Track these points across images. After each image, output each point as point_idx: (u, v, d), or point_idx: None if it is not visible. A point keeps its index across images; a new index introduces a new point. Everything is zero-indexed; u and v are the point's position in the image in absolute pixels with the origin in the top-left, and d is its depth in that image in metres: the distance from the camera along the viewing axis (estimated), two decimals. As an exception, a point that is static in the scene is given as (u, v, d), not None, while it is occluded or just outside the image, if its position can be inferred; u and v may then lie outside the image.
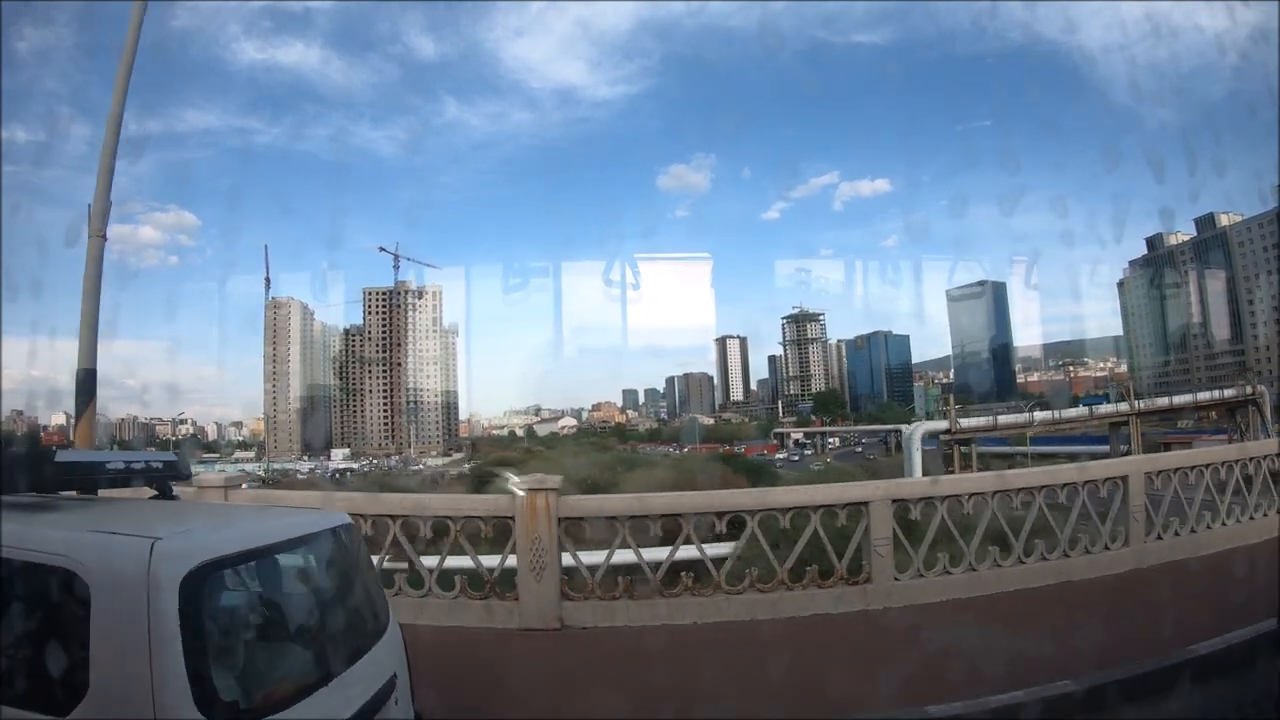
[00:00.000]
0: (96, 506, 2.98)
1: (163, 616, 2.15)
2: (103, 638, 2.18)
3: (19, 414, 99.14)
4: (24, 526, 2.49)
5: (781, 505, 6.57)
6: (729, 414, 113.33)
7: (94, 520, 2.71)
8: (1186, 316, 78.39)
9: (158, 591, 2.18)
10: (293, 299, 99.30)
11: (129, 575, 2.20)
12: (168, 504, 3.40)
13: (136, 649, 2.14)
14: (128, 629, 2.16)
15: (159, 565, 2.21)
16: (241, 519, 2.85)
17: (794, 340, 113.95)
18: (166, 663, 2.14)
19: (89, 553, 2.29)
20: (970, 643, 5.40)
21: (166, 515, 3.14)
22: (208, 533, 2.55)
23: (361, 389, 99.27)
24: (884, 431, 78.73)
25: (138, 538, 2.32)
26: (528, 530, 6.12)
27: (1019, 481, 7.33)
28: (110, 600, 2.19)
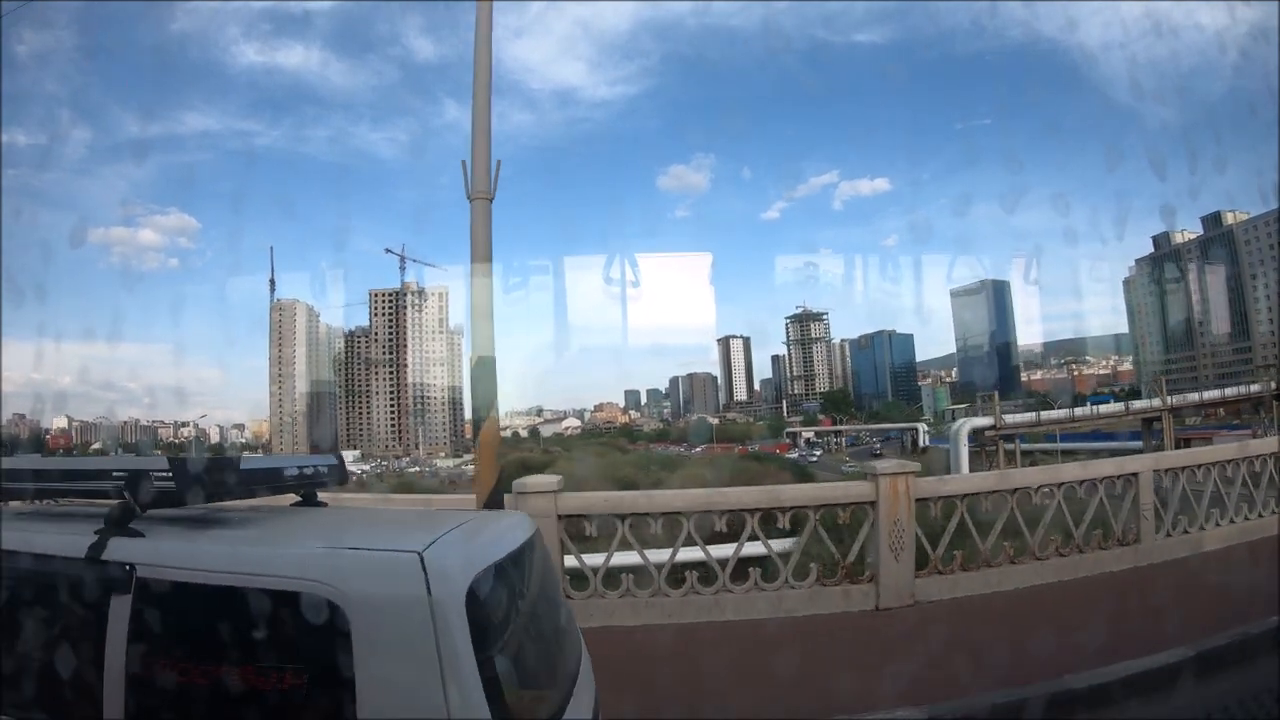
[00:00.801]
0: (266, 518, 2.73)
1: (452, 639, 1.95)
2: (371, 669, 1.94)
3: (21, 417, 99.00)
4: (250, 548, 2.28)
5: (1077, 479, 7.37)
6: (733, 414, 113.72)
7: (301, 536, 2.53)
8: (1193, 313, 79.27)
9: (444, 611, 1.96)
10: (298, 301, 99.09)
11: (402, 597, 1.99)
12: (331, 511, 3.11)
13: (421, 678, 1.93)
14: (405, 656, 1.95)
15: (438, 582, 2.00)
16: (451, 523, 2.46)
17: (798, 340, 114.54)
18: (465, 688, 1.93)
19: (343, 574, 2.03)
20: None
21: (375, 525, 3.00)
22: (455, 543, 2.25)
23: (368, 390, 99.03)
24: (899, 430, 79.14)
25: (399, 553, 2.09)
26: (889, 512, 6.48)
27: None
28: (376, 626, 1.96)
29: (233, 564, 2.16)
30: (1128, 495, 7.61)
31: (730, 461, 48.56)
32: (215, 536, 2.41)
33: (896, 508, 6.50)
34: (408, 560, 2.04)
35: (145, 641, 2.16)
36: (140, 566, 2.19)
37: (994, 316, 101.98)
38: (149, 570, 2.19)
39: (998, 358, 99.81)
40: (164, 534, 2.34)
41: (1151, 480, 7.70)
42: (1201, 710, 4.45)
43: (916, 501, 6.61)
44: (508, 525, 2.76)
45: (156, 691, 2.16)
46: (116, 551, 2.23)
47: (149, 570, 2.19)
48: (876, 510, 6.48)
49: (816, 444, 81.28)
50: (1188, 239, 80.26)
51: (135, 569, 2.18)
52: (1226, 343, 76.55)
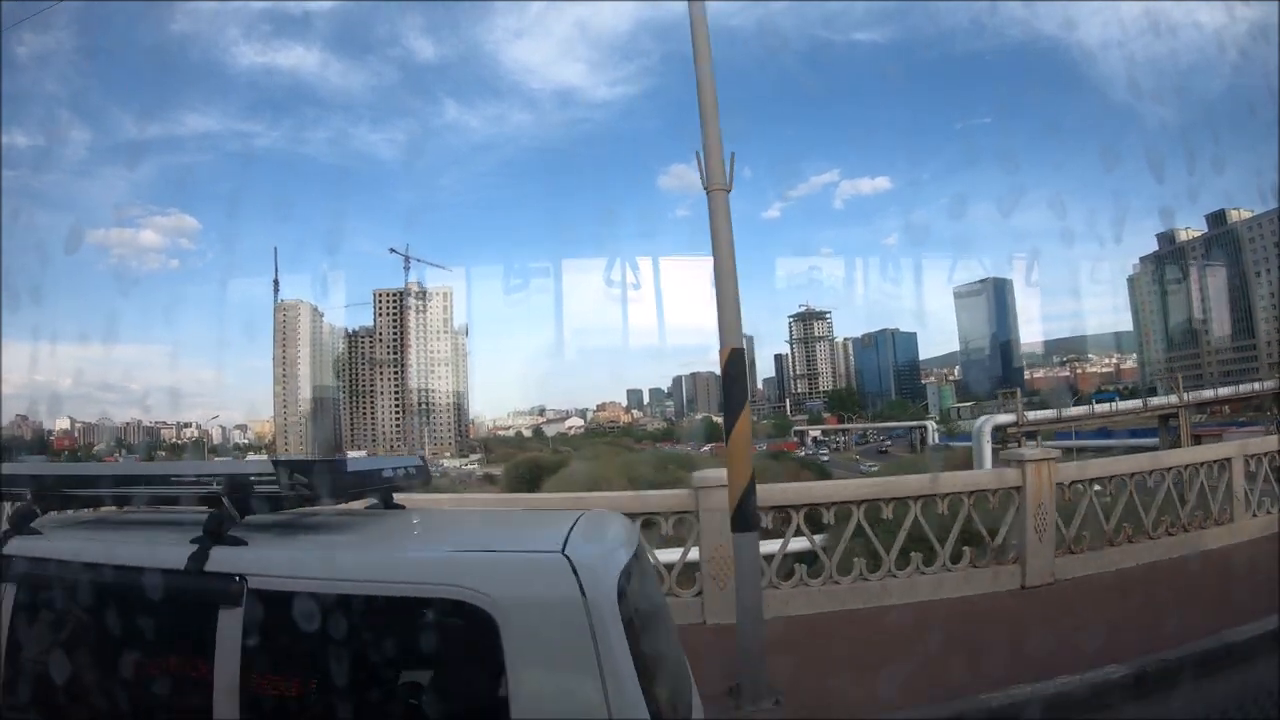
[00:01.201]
0: (367, 523, 2.67)
1: (609, 640, 1.89)
2: (525, 674, 1.87)
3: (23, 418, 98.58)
4: (381, 555, 2.23)
5: (1182, 463, 8.22)
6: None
7: (423, 540, 2.52)
8: (1198, 311, 79.69)
9: (600, 612, 1.90)
10: (301, 301, 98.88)
11: (556, 599, 1.92)
12: (426, 514, 3.06)
13: (580, 682, 1.87)
14: (562, 660, 1.91)
15: (591, 583, 1.93)
16: (564, 523, 2.36)
17: (801, 339, 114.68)
18: (624, 689, 1.87)
19: (490, 578, 1.96)
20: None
21: (489, 526, 2.98)
22: (589, 543, 2.18)
23: (372, 390, 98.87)
24: (907, 428, 79.34)
25: (546, 554, 2.03)
26: (1035, 497, 6.87)
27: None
28: (529, 630, 1.90)
29: (362, 572, 2.07)
30: (1222, 479, 8.29)
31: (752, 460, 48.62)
32: (325, 543, 2.34)
33: (1041, 493, 6.91)
34: (556, 561, 1.98)
35: (264, 658, 2.06)
36: (252, 578, 2.07)
37: (996, 315, 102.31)
38: (262, 581, 2.07)
39: (1000, 356, 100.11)
40: (267, 542, 2.24)
41: (1243, 466, 8.30)
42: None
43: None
44: (615, 524, 2.68)
45: (284, 711, 2.09)
46: (222, 562, 2.11)
47: (262, 581, 2.07)
48: (1023, 495, 6.89)
49: (824, 442, 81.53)
50: (1192, 237, 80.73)
51: (246, 580, 2.06)
52: (1230, 341, 76.95)
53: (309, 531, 2.44)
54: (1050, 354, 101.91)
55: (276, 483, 2.25)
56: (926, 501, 6.71)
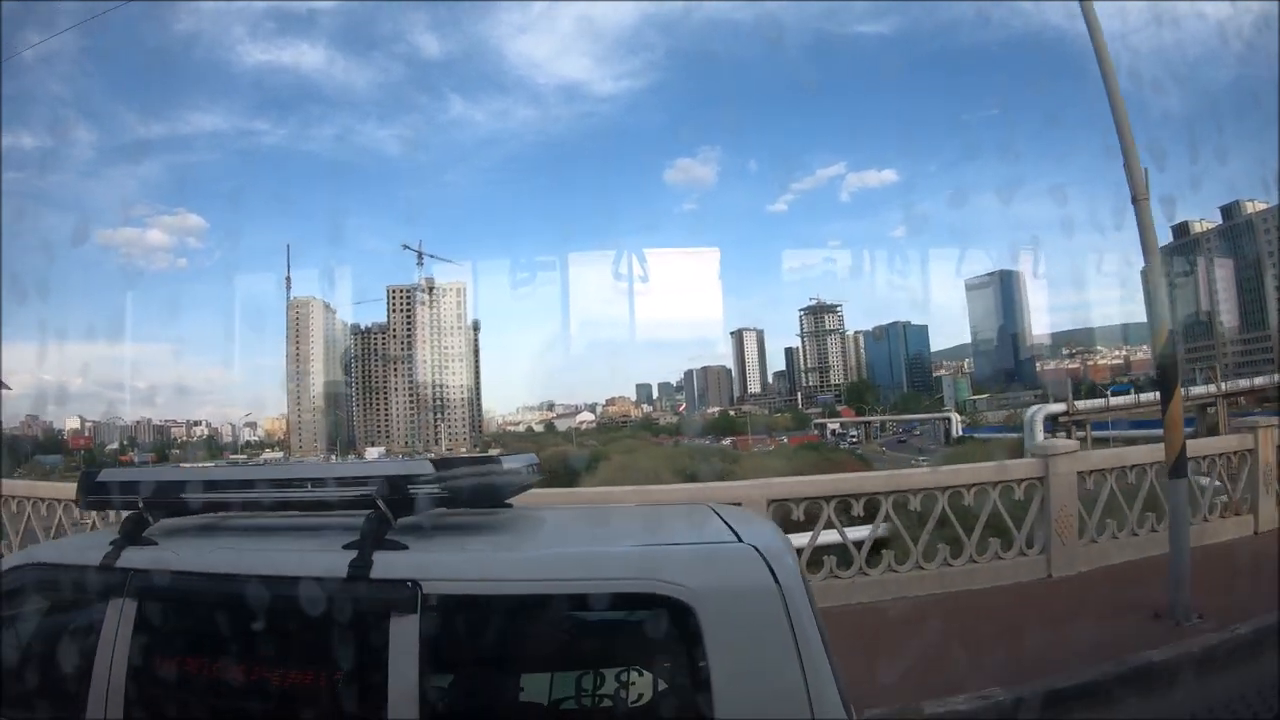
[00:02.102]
0: (526, 524, 2.60)
1: (805, 630, 1.89)
2: (729, 667, 1.85)
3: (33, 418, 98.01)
4: (576, 550, 2.18)
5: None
6: (748, 406, 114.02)
7: (603, 536, 2.50)
8: (1213, 303, 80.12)
9: (795, 602, 1.90)
10: (313, 298, 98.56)
11: (753, 590, 1.91)
12: (548, 512, 3.02)
13: (783, 673, 1.86)
14: (764, 652, 1.89)
15: (783, 573, 1.93)
16: (714, 517, 2.39)
17: (812, 332, 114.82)
18: (823, 680, 1.87)
19: (687, 571, 1.94)
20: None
21: (646, 521, 2.89)
22: (762, 535, 2.17)
23: (385, 386, 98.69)
24: (926, 420, 79.59)
25: (736, 544, 2.06)
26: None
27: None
28: (730, 623, 1.88)
29: (552, 570, 2.02)
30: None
31: (790, 451, 49.15)
32: (490, 543, 2.29)
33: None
34: (746, 551, 1.99)
35: (444, 665, 2.01)
36: (425, 582, 1.98)
37: (1008, 307, 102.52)
38: (437, 585, 1.99)
39: (1012, 348, 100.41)
40: (426, 545, 2.16)
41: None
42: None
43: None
44: (759, 518, 2.67)
45: (461, 714, 2.05)
46: (387, 567, 2.03)
47: (437, 585, 1.99)
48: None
49: (843, 434, 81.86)
50: (1206, 229, 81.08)
51: (420, 585, 1.97)
52: (1246, 331, 77.35)
53: (458, 533, 2.35)
54: (1062, 346, 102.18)
55: (439, 484, 2.15)
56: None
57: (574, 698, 2.22)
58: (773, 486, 6.81)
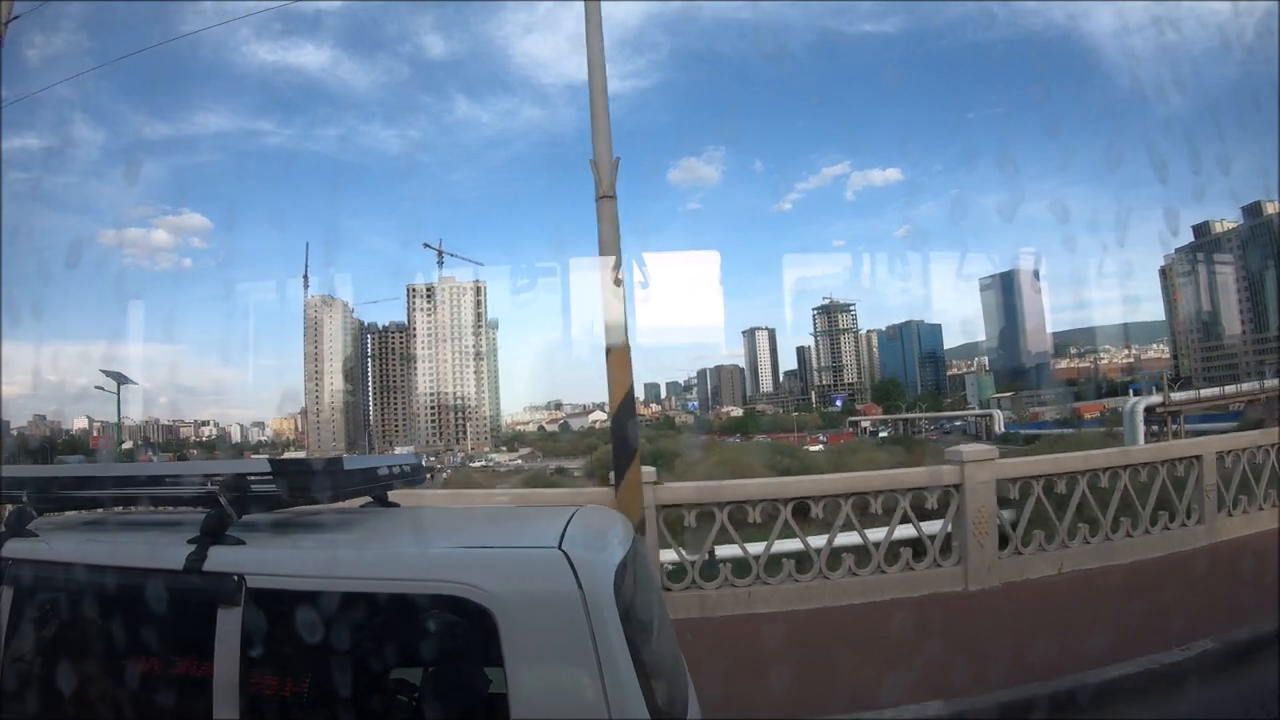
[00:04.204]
0: (364, 521, 2.64)
1: (608, 636, 1.87)
2: (524, 670, 1.86)
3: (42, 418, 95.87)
4: (378, 552, 2.20)
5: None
6: (761, 405, 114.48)
7: (418, 537, 2.51)
8: (1234, 303, 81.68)
9: (598, 608, 1.89)
10: (331, 297, 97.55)
11: (553, 594, 1.91)
12: (422, 511, 3.07)
13: (579, 677, 1.86)
14: (561, 656, 1.90)
15: (588, 578, 1.92)
16: (559, 519, 2.34)
17: (825, 331, 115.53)
18: (623, 686, 1.85)
19: (487, 574, 1.94)
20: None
21: (483, 522, 3.02)
22: (585, 539, 2.16)
23: (404, 386, 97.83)
24: (965, 417, 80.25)
25: (542, 549, 2.03)
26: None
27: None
28: (527, 626, 1.88)
29: (361, 569, 2.06)
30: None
31: (857, 446, 49.77)
32: (324, 541, 2.33)
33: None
34: (552, 556, 1.98)
35: (262, 657, 2.04)
36: (250, 576, 2.05)
37: (1022, 306, 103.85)
38: (260, 580, 2.06)
39: (1030, 346, 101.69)
40: (266, 541, 2.24)
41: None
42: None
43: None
44: (611, 521, 2.68)
45: (283, 710, 2.12)
46: (220, 561, 2.09)
47: (260, 580, 2.06)
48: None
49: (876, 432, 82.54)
50: (1227, 229, 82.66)
51: (245, 579, 2.05)
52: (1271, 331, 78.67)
53: (307, 530, 2.42)
54: (1079, 344, 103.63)
55: (273, 482, 2.24)
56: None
57: (380, 695, 2.29)
58: (1002, 466, 7.12)
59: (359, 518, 2.66)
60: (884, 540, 6.66)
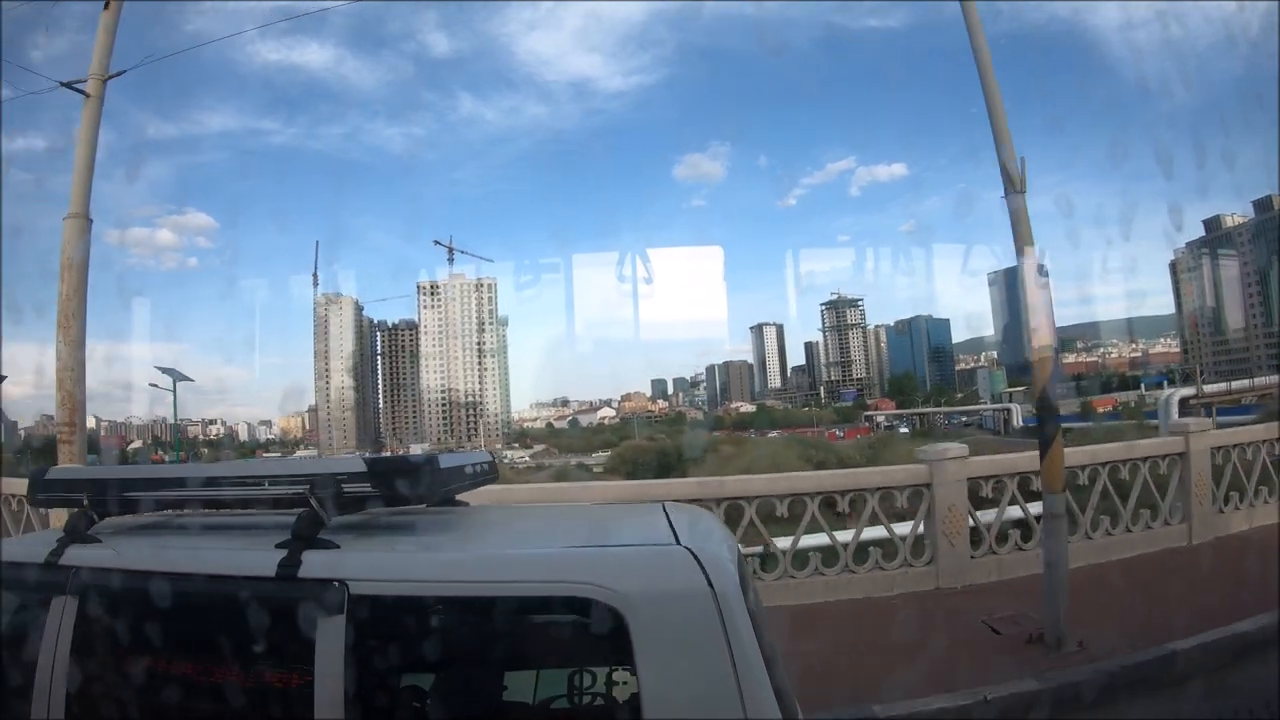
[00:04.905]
0: (452, 523, 2.56)
1: (739, 634, 1.82)
2: (658, 671, 1.81)
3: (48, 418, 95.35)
4: (497, 553, 2.13)
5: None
6: (770, 401, 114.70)
7: (530, 537, 2.48)
8: (1245, 297, 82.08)
9: (729, 606, 1.84)
10: (338, 295, 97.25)
11: (685, 592, 1.85)
12: (494, 510, 2.95)
13: (715, 678, 1.80)
14: (695, 656, 1.83)
15: (717, 575, 1.87)
16: (661, 517, 2.34)
17: (833, 326, 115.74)
18: (757, 685, 1.81)
19: (615, 573, 1.88)
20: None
21: (585, 520, 2.89)
22: (702, 536, 2.12)
23: (415, 383, 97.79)
24: (982, 411, 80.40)
25: (668, 547, 1.99)
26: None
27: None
28: (659, 624, 1.83)
29: (478, 572, 1.97)
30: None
31: (886, 441, 49.96)
32: (425, 544, 2.26)
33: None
34: (679, 553, 1.92)
35: (370, 666, 1.95)
36: (353, 582, 1.93)
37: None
38: (365, 586, 1.94)
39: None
40: (360, 545, 2.13)
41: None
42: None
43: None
44: (709, 518, 2.62)
45: (386, 717, 2.05)
46: (315, 567, 1.98)
47: (365, 586, 1.94)
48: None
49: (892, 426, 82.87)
50: (1238, 223, 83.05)
51: (347, 585, 1.93)
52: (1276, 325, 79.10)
53: (397, 532, 2.33)
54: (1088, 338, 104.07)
55: (369, 482, 2.12)
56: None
57: (501, 701, 2.22)
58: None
59: (446, 519, 2.52)
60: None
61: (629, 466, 50.71)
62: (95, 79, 6.95)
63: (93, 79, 6.96)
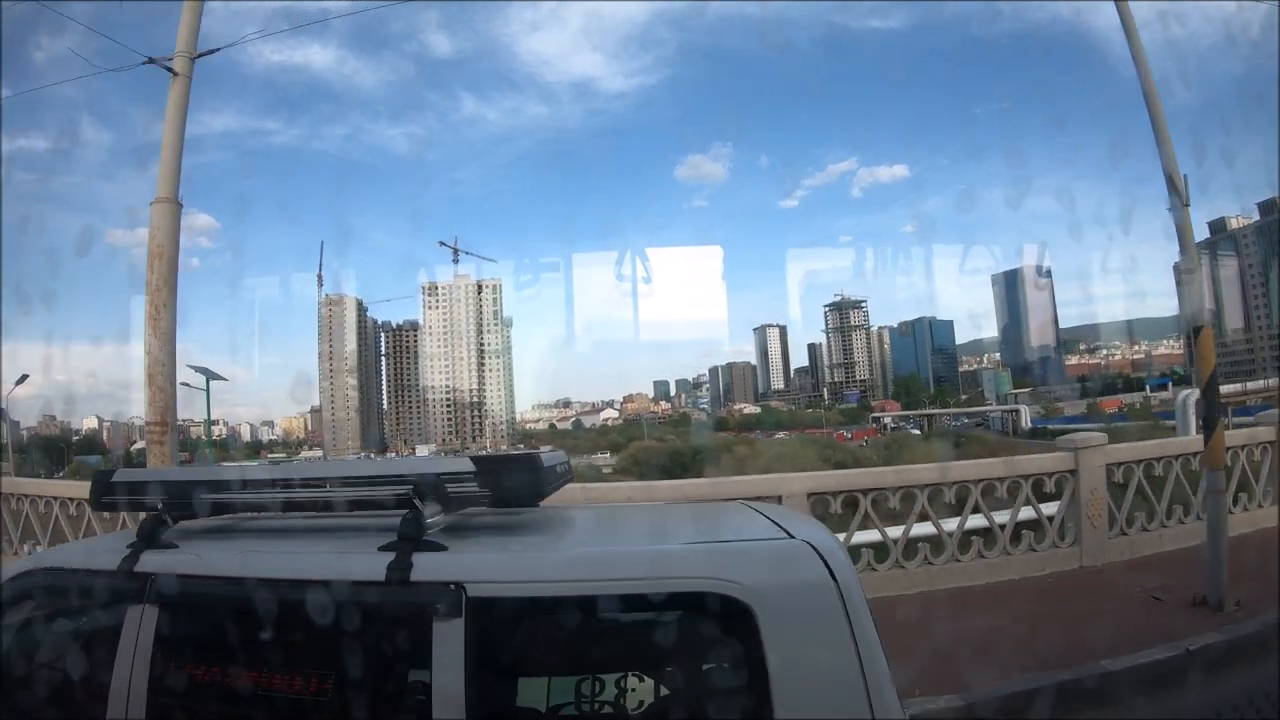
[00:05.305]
0: (561, 522, 2.53)
1: (864, 627, 1.84)
2: (787, 666, 1.80)
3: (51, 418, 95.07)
4: (625, 549, 2.12)
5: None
6: (775, 403, 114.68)
7: (643, 533, 2.49)
8: (1251, 297, 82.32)
9: (853, 599, 1.86)
10: (339, 295, 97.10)
11: (811, 585, 1.86)
12: (561, 510, 2.90)
13: (842, 672, 1.81)
14: (823, 650, 1.84)
15: (839, 569, 1.89)
16: (759, 514, 2.36)
17: (837, 327, 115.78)
18: (881, 679, 1.82)
19: (741, 568, 1.88)
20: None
21: (686, 518, 2.87)
22: (813, 530, 2.13)
23: (420, 384, 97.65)
24: (985, 413, 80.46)
25: (789, 541, 2.00)
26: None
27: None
28: (786, 619, 1.83)
29: (605, 570, 1.94)
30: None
31: (905, 441, 49.86)
32: (535, 543, 2.22)
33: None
34: (800, 547, 1.93)
35: (492, 669, 1.93)
36: (470, 585, 1.89)
37: (1032, 301, 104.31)
38: (484, 589, 1.90)
39: (1037, 342, 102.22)
40: (465, 546, 2.06)
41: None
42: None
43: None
44: (800, 514, 2.61)
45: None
46: (427, 570, 1.92)
47: (484, 589, 1.90)
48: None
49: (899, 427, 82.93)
50: (1244, 224, 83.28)
51: (464, 588, 1.88)
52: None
53: (498, 533, 2.26)
54: (1091, 339, 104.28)
55: (477, 482, 2.08)
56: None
57: (625, 700, 2.19)
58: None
59: (530, 520, 2.43)
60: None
61: (642, 467, 50.88)
62: (183, 57, 6.76)
63: (180, 57, 6.77)
